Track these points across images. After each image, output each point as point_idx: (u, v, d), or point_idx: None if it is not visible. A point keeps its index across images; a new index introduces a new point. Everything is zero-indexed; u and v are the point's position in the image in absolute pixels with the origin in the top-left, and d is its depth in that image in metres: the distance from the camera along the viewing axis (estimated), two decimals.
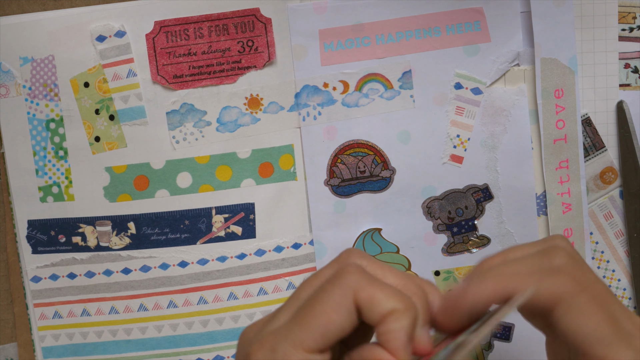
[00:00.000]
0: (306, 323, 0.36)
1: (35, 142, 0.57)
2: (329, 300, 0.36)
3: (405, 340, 0.36)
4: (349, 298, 0.36)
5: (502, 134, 0.57)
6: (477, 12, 0.55)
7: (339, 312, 0.36)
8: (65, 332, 0.59)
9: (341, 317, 0.36)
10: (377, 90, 0.57)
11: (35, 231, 0.58)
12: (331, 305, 0.36)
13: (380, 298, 0.36)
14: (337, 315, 0.36)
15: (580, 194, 0.57)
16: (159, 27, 0.55)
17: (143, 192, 0.57)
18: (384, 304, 0.36)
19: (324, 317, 0.36)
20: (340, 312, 0.36)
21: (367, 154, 0.57)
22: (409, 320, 0.36)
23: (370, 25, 0.56)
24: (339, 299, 0.36)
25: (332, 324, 0.36)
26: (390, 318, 0.36)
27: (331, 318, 0.36)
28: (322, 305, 0.36)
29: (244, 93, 0.56)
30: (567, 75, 0.56)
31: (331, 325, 0.36)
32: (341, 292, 0.36)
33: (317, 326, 0.36)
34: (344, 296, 0.36)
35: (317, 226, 0.58)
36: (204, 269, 0.58)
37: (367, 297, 0.36)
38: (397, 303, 0.36)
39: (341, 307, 0.36)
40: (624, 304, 0.37)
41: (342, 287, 0.36)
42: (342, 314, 0.36)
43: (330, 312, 0.36)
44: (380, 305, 0.36)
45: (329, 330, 0.36)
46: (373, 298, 0.36)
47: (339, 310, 0.36)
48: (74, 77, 0.56)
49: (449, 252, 0.59)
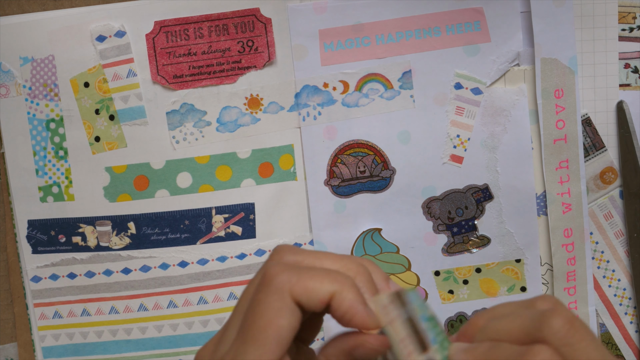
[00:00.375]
0: (257, 340, 0.36)
1: (36, 142, 0.57)
2: (268, 309, 0.36)
3: (363, 309, 0.36)
4: (286, 299, 0.36)
5: (502, 134, 0.57)
6: (477, 12, 0.55)
7: (283, 316, 0.36)
8: (66, 332, 0.59)
9: (288, 319, 0.36)
10: (377, 90, 0.57)
11: (35, 231, 0.58)
12: (274, 313, 0.36)
13: (314, 286, 0.36)
14: (283, 319, 0.36)
15: (580, 194, 0.57)
16: (159, 27, 0.55)
17: (143, 192, 0.57)
18: (320, 290, 0.36)
19: (272, 326, 0.36)
20: (285, 316, 0.36)
21: (367, 154, 0.57)
22: (353, 293, 0.36)
23: (370, 25, 0.56)
24: (277, 304, 0.36)
25: (282, 329, 0.36)
26: (335, 301, 0.36)
27: (279, 324, 0.36)
28: (265, 316, 0.36)
29: (244, 93, 0.56)
30: (567, 75, 0.56)
31: (282, 331, 0.36)
32: (277, 296, 0.36)
33: (269, 338, 0.36)
34: (281, 300, 0.36)
35: (317, 226, 0.58)
36: (204, 269, 0.58)
37: (302, 290, 0.36)
38: (333, 285, 0.36)
39: (283, 310, 0.36)
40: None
41: (277, 291, 0.36)
42: (287, 317, 0.36)
43: (276, 320, 0.36)
44: (317, 292, 0.36)
45: (282, 337, 0.36)
46: (307, 289, 0.36)
47: (282, 315, 0.36)
48: (74, 77, 0.56)
49: (449, 252, 0.59)
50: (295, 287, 0.36)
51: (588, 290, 0.59)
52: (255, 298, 0.37)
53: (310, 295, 0.36)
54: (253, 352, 0.36)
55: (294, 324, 0.36)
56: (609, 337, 0.60)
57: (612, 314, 0.60)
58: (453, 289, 0.59)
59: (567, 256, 0.58)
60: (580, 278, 0.58)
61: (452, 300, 0.60)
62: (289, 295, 0.36)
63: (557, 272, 0.58)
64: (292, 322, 0.36)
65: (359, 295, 0.36)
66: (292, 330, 0.36)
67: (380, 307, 0.37)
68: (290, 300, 0.36)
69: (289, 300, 0.36)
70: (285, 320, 0.36)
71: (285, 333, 0.36)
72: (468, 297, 0.60)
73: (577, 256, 0.58)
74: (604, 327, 0.60)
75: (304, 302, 0.36)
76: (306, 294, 0.36)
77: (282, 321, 0.36)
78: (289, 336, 0.36)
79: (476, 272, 0.59)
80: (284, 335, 0.36)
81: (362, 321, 0.36)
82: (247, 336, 0.37)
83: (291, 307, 0.36)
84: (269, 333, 0.36)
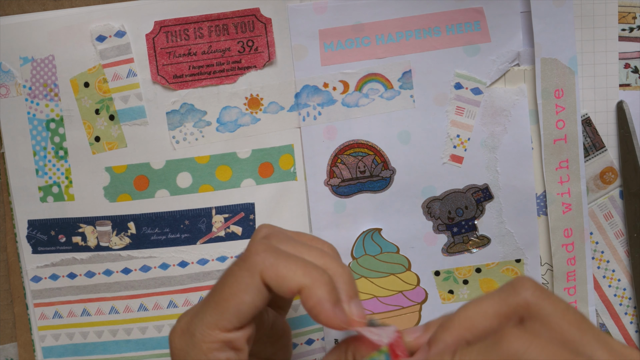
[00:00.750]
0: (219, 306, 0.38)
1: (36, 142, 0.57)
2: (237, 282, 0.38)
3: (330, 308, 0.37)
4: (256, 278, 0.38)
5: (502, 134, 0.57)
6: (477, 12, 0.55)
7: (248, 292, 0.38)
8: (66, 332, 0.59)
9: (252, 296, 0.37)
10: (377, 90, 0.57)
11: (35, 231, 0.58)
12: (240, 287, 0.38)
13: (287, 275, 0.37)
14: (247, 295, 0.37)
15: (580, 194, 0.57)
16: (159, 27, 0.55)
17: (143, 192, 0.57)
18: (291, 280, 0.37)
19: (235, 299, 0.38)
20: (250, 293, 0.37)
21: (367, 154, 0.57)
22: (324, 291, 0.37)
23: (370, 25, 0.56)
24: (247, 280, 0.38)
25: (243, 304, 0.38)
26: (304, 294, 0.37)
27: (242, 299, 0.37)
28: (232, 287, 0.38)
29: (244, 93, 0.56)
30: (567, 75, 0.56)
31: (243, 305, 0.38)
32: (249, 273, 0.38)
33: (229, 307, 0.37)
34: (251, 277, 0.38)
35: (317, 226, 0.58)
36: (204, 269, 0.58)
37: (273, 275, 0.37)
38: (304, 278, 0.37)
39: (250, 287, 0.38)
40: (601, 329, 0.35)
41: (249, 268, 0.38)
42: (252, 294, 0.37)
43: (240, 294, 0.38)
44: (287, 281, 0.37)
45: (241, 311, 0.37)
46: (279, 275, 0.37)
47: (248, 291, 0.38)
48: (74, 77, 0.56)
49: (449, 252, 0.59)
50: (268, 270, 0.38)
51: (588, 290, 0.59)
52: (230, 268, 0.39)
53: (280, 282, 0.37)
54: (211, 315, 0.38)
55: (257, 302, 0.38)
56: None
57: (612, 314, 0.60)
58: (453, 289, 0.59)
59: (567, 256, 0.58)
60: (580, 278, 0.58)
61: (452, 300, 0.60)
62: (259, 276, 0.38)
63: (557, 272, 0.58)
64: (255, 300, 0.38)
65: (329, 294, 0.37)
66: (254, 307, 0.38)
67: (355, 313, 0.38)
68: (260, 280, 0.38)
69: (258, 280, 0.38)
70: (249, 297, 0.38)
71: (245, 308, 0.38)
72: (468, 297, 0.60)
73: (577, 256, 0.58)
74: (604, 327, 0.60)
75: (273, 286, 0.38)
76: (276, 280, 0.37)
77: (246, 297, 0.38)
78: (250, 312, 0.38)
79: (476, 272, 0.59)
80: (244, 310, 0.38)
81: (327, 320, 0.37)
82: (211, 300, 0.39)
83: (259, 287, 0.38)
84: (230, 303, 0.38)
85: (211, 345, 0.38)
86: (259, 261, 0.38)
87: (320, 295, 0.37)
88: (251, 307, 0.38)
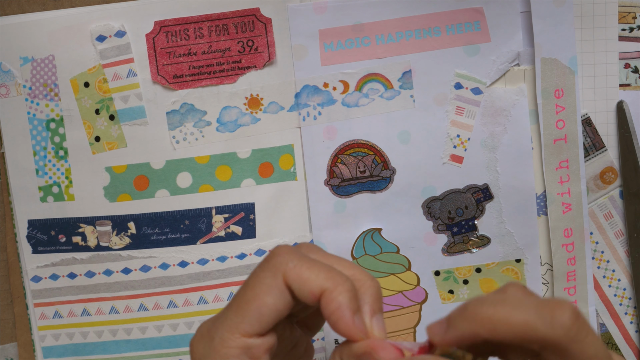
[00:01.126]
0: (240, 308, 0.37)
1: (36, 142, 0.57)
2: (259, 283, 0.37)
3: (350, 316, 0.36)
4: (279, 279, 0.36)
5: (502, 134, 0.57)
6: (477, 12, 0.55)
7: (270, 294, 0.36)
8: (66, 331, 0.59)
9: (274, 298, 0.36)
10: (377, 90, 0.57)
11: (35, 231, 0.58)
12: (262, 288, 0.36)
13: (309, 276, 0.36)
14: (269, 297, 0.36)
15: (580, 194, 0.57)
16: (159, 27, 0.55)
17: (143, 192, 0.57)
18: (313, 282, 0.36)
19: (257, 300, 0.36)
20: (272, 294, 0.36)
21: (367, 154, 0.57)
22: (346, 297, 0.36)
23: (370, 25, 0.56)
24: (269, 281, 0.36)
25: (265, 306, 0.36)
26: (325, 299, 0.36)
27: (264, 301, 0.36)
28: (254, 289, 0.37)
29: (244, 93, 0.56)
30: (567, 75, 0.56)
31: (265, 307, 0.36)
32: (271, 274, 0.37)
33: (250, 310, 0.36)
34: (273, 278, 0.36)
35: (317, 226, 0.58)
36: (204, 269, 0.58)
37: (295, 276, 0.36)
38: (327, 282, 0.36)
39: (272, 289, 0.36)
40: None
41: (272, 269, 0.37)
42: (274, 296, 0.36)
43: (262, 295, 0.36)
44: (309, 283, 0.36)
45: (263, 314, 0.36)
46: (301, 277, 0.36)
47: (270, 293, 0.36)
48: (74, 77, 0.56)
49: (449, 252, 0.59)
50: (291, 271, 0.36)
51: (588, 290, 0.59)
52: (254, 271, 0.38)
53: (302, 284, 0.36)
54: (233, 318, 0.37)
55: (279, 305, 0.37)
56: (609, 337, 0.60)
57: (612, 314, 0.60)
58: (453, 289, 0.59)
59: (567, 256, 0.58)
60: (580, 278, 0.58)
61: (452, 300, 0.60)
62: (282, 277, 0.37)
63: (557, 272, 0.58)
64: (277, 302, 0.36)
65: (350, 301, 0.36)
66: (275, 310, 0.37)
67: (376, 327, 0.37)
68: (282, 282, 0.37)
69: (280, 281, 0.36)
70: (271, 299, 0.36)
71: (267, 311, 0.36)
72: (468, 297, 0.60)
73: (577, 256, 0.58)
74: (604, 327, 0.60)
75: (295, 288, 0.36)
76: (298, 281, 0.36)
77: (267, 298, 0.36)
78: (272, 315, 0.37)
79: (476, 272, 0.59)
80: (266, 312, 0.36)
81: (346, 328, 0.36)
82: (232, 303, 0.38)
83: (281, 288, 0.36)
84: (251, 305, 0.36)
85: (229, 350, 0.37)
86: (282, 262, 0.37)
87: (341, 300, 0.35)
88: (273, 310, 0.36)
